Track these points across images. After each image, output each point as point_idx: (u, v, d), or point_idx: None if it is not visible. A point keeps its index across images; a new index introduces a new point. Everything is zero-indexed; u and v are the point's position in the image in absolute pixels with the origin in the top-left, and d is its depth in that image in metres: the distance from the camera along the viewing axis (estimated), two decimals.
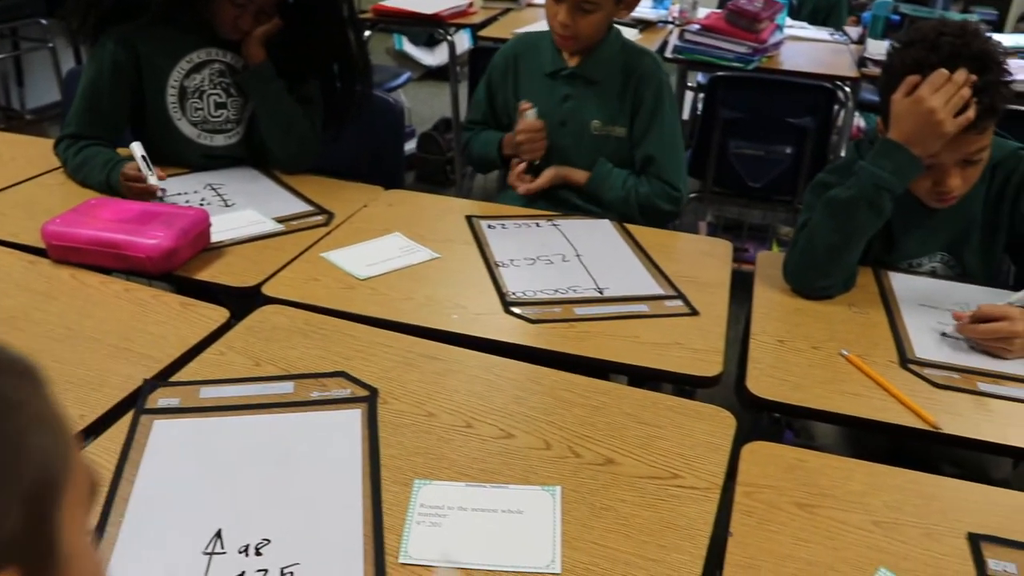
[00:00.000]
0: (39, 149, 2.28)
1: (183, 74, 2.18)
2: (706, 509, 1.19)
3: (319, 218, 2.00)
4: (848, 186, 1.69)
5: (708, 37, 3.68)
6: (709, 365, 1.51)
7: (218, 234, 1.85)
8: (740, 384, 1.49)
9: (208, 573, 1.06)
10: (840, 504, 1.21)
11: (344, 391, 1.39)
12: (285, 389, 1.40)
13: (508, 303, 1.66)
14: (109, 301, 1.61)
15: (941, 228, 1.84)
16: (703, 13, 4.08)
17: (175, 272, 1.73)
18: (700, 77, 4.30)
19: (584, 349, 1.53)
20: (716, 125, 3.37)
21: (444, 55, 6.37)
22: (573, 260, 1.85)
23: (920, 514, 1.20)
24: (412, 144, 4.66)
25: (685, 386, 1.63)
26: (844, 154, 3.18)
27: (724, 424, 1.35)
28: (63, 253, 1.73)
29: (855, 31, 4.40)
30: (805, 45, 4.15)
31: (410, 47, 6.61)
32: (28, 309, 1.58)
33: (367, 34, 4.36)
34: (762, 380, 1.48)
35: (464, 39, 5.43)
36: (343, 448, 1.27)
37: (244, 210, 2.01)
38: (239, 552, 1.08)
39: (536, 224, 2.03)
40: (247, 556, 1.07)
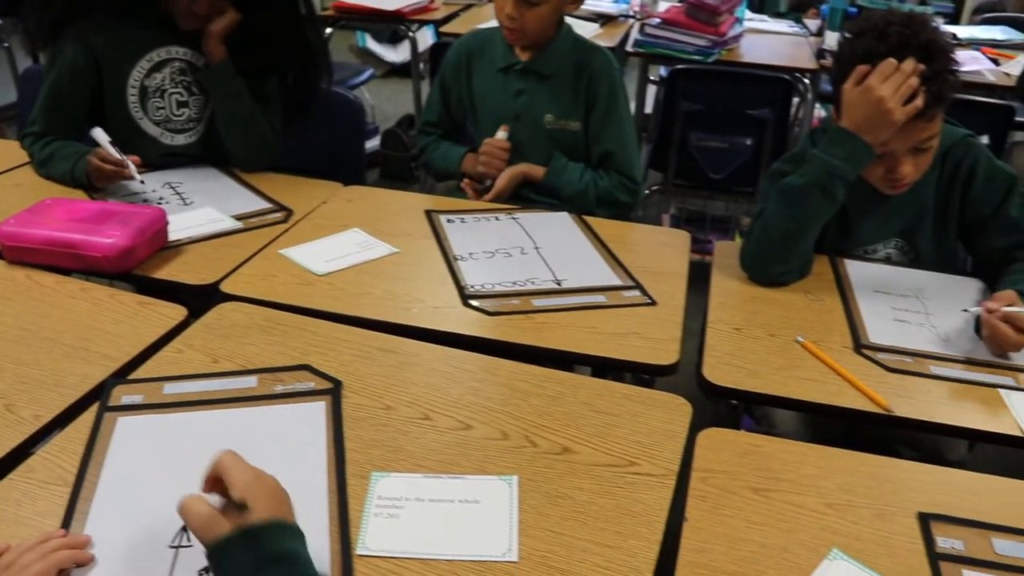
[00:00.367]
0: None
1: (143, 73, 2.16)
2: (662, 495, 1.20)
3: (278, 215, 2.00)
4: (801, 174, 1.72)
5: (668, 31, 3.71)
6: (666, 354, 1.52)
7: (176, 232, 1.84)
8: (699, 372, 1.51)
9: (175, 566, 1.06)
10: (794, 488, 1.23)
11: (308, 384, 1.39)
12: (249, 384, 1.40)
13: (466, 296, 1.67)
14: (65, 301, 1.60)
15: (895, 214, 1.87)
16: (663, 7, 4.10)
17: (132, 271, 1.72)
18: (663, 71, 4.32)
19: (542, 340, 1.54)
20: (676, 118, 3.39)
21: (408, 52, 6.35)
22: (532, 253, 1.86)
23: (872, 495, 1.22)
24: (376, 141, 4.65)
25: (644, 375, 1.64)
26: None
27: (680, 412, 1.37)
28: (18, 254, 1.71)
29: (814, 23, 4.45)
30: (764, 37, 4.18)
31: (373, 44, 6.59)
32: None
33: (328, 31, 4.35)
34: (718, 368, 1.50)
35: (428, 35, 5.42)
36: (307, 441, 1.27)
37: (202, 208, 2.00)
38: None
39: (495, 218, 2.04)
40: None
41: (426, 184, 4.21)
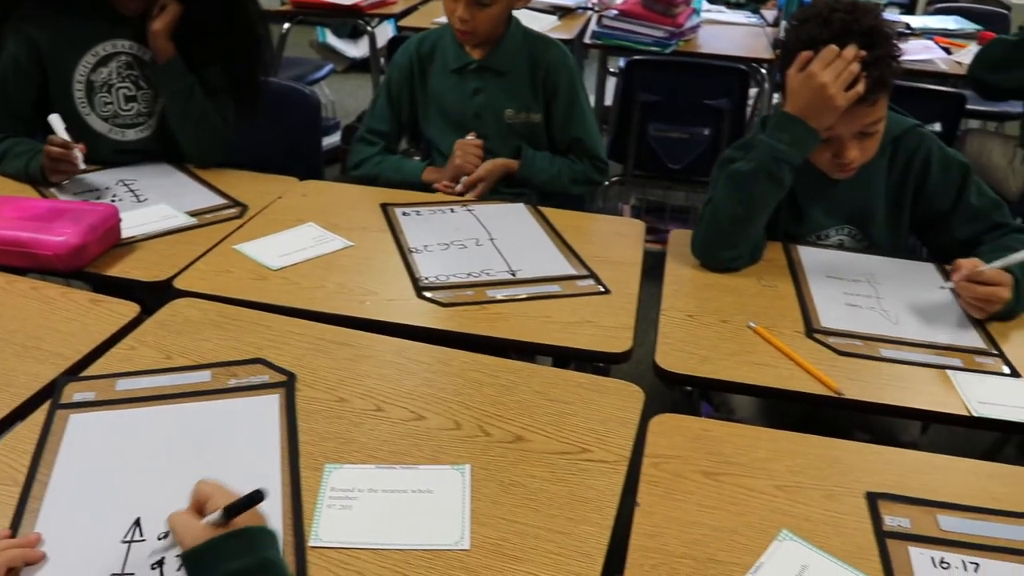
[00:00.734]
0: None
1: (89, 68, 2.14)
2: (614, 481, 1.21)
3: (233, 211, 1.99)
4: (749, 159, 1.74)
5: (625, 22, 3.73)
6: (619, 341, 1.53)
7: (129, 229, 1.83)
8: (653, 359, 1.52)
9: (127, 561, 1.06)
10: (745, 471, 1.24)
11: (262, 377, 1.39)
12: (203, 378, 1.39)
13: (420, 288, 1.67)
14: (15, 300, 1.59)
15: (844, 199, 1.89)
16: None
17: (85, 269, 1.71)
18: (622, 62, 4.33)
19: (496, 330, 1.55)
20: (634, 109, 3.40)
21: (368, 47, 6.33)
22: (487, 244, 1.86)
23: (821, 477, 1.24)
24: (336, 137, 4.62)
25: (598, 363, 1.65)
26: None
27: (633, 398, 1.38)
28: None
29: (771, 14, 4.48)
30: (722, 28, 4.22)
31: (333, 39, 6.55)
32: None
33: (287, 26, 4.33)
34: (671, 354, 1.51)
35: (388, 30, 5.40)
36: (261, 433, 1.27)
37: (156, 205, 1.98)
38: (158, 539, 1.08)
39: (451, 210, 2.04)
40: (167, 542, 1.06)
41: None
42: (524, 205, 2.08)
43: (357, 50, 6.59)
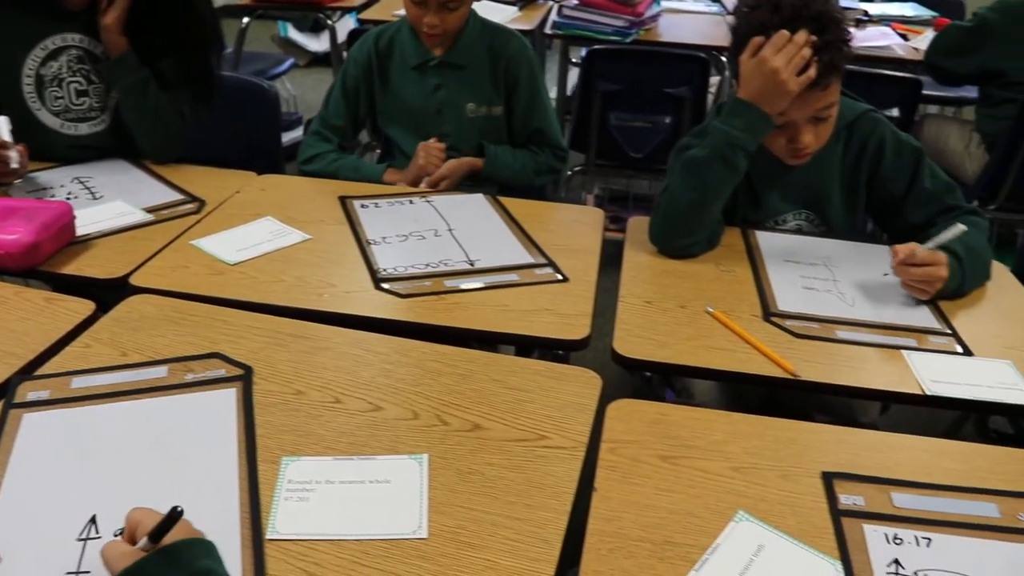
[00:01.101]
0: None
1: (38, 62, 2.11)
2: (572, 467, 1.21)
3: (190, 206, 1.97)
4: (704, 145, 1.75)
5: (586, 12, 3.73)
6: (577, 329, 1.54)
7: (85, 227, 1.81)
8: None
9: (83, 559, 1.05)
10: (702, 454, 1.25)
11: (219, 372, 1.39)
12: (159, 374, 1.38)
13: (379, 279, 1.67)
14: None
15: (800, 185, 1.91)
16: None
17: (39, 267, 1.69)
18: (584, 52, 4.34)
19: (454, 320, 1.55)
20: (595, 98, 3.41)
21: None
22: (445, 234, 1.86)
23: (777, 458, 1.25)
24: (299, 132, 4.60)
25: (560, 351, 1.66)
26: None
27: (590, 385, 1.38)
28: None
29: (731, 2, 4.49)
30: (682, 17, 4.22)
31: (295, 33, 6.51)
32: None
33: (246, 21, 4.30)
34: (629, 340, 1.51)
35: (350, 23, 5.37)
36: (218, 428, 1.26)
37: (112, 202, 1.96)
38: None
39: (409, 201, 2.04)
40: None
41: None
42: (483, 195, 2.08)
43: (319, 44, 6.55)
